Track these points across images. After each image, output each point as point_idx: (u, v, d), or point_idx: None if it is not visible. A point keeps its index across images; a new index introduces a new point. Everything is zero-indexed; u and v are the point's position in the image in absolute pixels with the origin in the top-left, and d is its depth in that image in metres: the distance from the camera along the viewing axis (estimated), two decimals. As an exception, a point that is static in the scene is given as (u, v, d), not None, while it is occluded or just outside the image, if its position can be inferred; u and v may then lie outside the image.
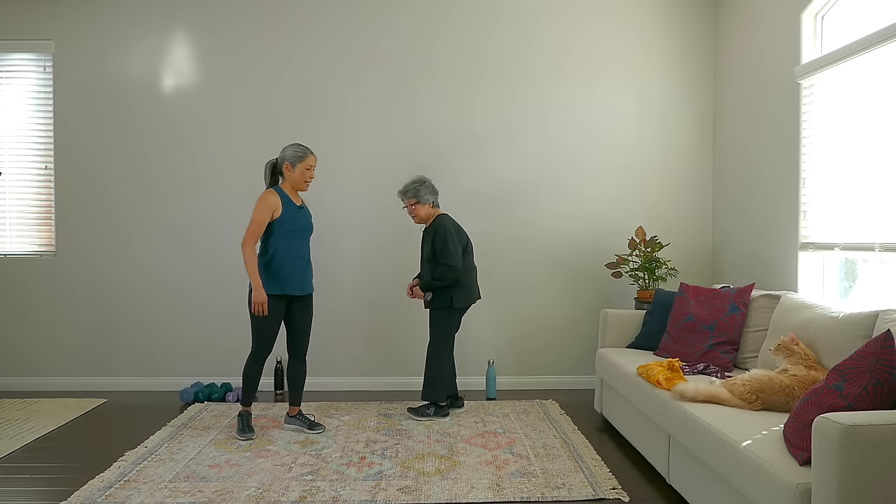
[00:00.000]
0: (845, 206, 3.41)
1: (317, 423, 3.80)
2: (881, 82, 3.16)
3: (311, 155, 3.66)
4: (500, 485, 3.00)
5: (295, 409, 3.84)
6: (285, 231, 3.61)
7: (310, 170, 3.67)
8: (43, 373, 4.80)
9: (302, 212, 3.70)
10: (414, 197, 4.03)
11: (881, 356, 2.01)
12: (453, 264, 3.92)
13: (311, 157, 3.67)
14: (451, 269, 3.92)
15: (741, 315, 3.50)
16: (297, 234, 3.64)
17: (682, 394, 2.80)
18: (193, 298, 4.81)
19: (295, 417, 3.82)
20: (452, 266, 3.92)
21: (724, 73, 4.78)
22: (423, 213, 4.06)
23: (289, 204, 3.65)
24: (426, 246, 4.06)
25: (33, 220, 4.84)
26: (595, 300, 4.93)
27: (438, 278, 3.94)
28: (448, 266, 3.92)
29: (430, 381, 4.01)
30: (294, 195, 3.72)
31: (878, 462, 1.77)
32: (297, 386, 3.81)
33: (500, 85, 4.86)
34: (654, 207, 4.94)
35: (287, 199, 3.66)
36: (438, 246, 3.95)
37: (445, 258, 3.93)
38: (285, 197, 3.66)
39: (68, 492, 2.94)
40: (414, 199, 4.03)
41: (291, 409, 3.84)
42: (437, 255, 3.97)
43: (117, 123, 4.78)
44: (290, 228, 3.62)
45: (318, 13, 4.80)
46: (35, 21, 4.75)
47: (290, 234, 3.62)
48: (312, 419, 3.84)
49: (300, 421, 3.81)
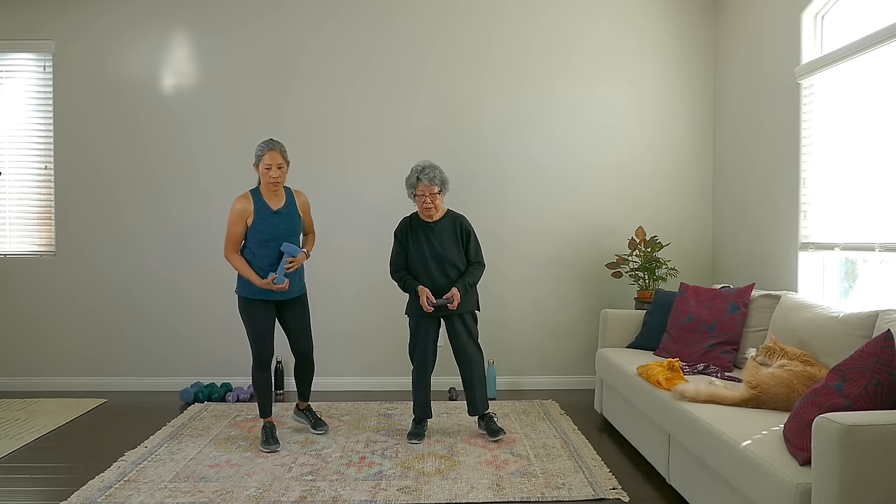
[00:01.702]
0: (845, 206, 3.41)
1: (321, 422, 3.76)
2: (881, 82, 3.15)
3: (269, 152, 3.35)
4: (500, 485, 3.00)
5: (304, 403, 3.79)
6: (258, 240, 3.40)
7: (270, 168, 3.35)
8: (43, 373, 4.80)
9: (280, 216, 3.44)
10: (440, 186, 3.60)
11: (881, 356, 2.01)
12: (484, 262, 3.75)
13: (271, 154, 3.34)
14: (483, 267, 3.74)
15: (741, 315, 3.50)
16: (271, 241, 3.41)
17: (682, 394, 2.80)
18: (193, 298, 4.81)
19: (303, 412, 3.79)
20: (484, 264, 3.75)
21: (724, 73, 4.78)
22: (440, 206, 3.66)
23: (262, 209, 3.41)
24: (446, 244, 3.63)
25: (33, 220, 4.84)
26: (595, 300, 4.93)
27: (475, 278, 3.66)
28: (482, 265, 3.73)
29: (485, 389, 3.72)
30: (273, 196, 3.46)
31: (878, 462, 1.77)
32: (303, 381, 3.73)
33: (500, 85, 4.85)
34: (654, 207, 4.94)
35: (261, 203, 3.42)
36: (474, 244, 3.69)
37: (480, 256, 3.72)
38: (259, 201, 3.42)
39: (68, 492, 2.94)
40: (439, 188, 3.60)
41: (300, 402, 3.80)
42: (472, 254, 3.69)
43: (117, 123, 4.78)
44: (262, 237, 3.39)
45: (319, 13, 4.80)
46: (35, 21, 4.75)
47: (263, 242, 3.40)
48: (319, 417, 3.80)
49: (307, 417, 3.78)
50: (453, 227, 3.67)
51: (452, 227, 3.67)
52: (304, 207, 3.61)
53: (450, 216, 3.72)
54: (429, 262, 3.61)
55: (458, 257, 3.65)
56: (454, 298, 3.53)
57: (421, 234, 3.66)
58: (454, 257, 3.63)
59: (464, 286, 3.58)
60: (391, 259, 3.74)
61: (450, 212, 3.75)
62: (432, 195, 3.56)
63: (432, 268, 3.61)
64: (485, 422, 3.67)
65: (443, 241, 3.63)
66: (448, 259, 3.61)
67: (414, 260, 3.65)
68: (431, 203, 3.57)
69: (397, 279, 3.70)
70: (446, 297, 3.54)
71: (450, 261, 3.61)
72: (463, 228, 3.69)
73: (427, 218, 3.66)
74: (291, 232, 3.49)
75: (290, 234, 3.48)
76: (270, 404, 3.60)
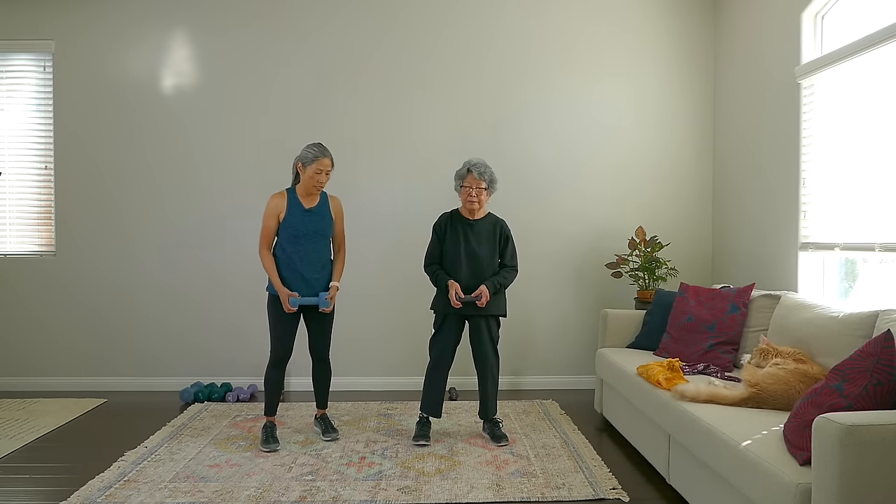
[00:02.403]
0: (845, 206, 3.41)
1: (331, 430, 3.69)
2: (881, 82, 3.15)
3: (323, 158, 3.46)
4: (500, 485, 3.00)
5: (320, 411, 3.75)
6: (287, 235, 3.50)
7: (319, 174, 3.47)
8: (43, 373, 4.80)
9: (311, 214, 3.53)
10: (488, 184, 3.60)
11: (881, 356, 2.01)
12: (517, 268, 3.71)
13: (324, 160, 3.46)
14: (516, 273, 3.69)
15: (741, 315, 3.50)
16: (300, 237, 3.49)
17: (682, 394, 2.80)
18: (193, 298, 4.81)
19: (319, 420, 3.75)
20: (517, 270, 3.70)
21: (724, 73, 4.78)
22: (484, 203, 3.64)
23: (295, 206, 3.52)
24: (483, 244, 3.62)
25: (33, 220, 4.84)
26: (595, 300, 4.93)
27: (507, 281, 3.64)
28: (515, 270, 3.69)
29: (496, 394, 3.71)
30: (308, 196, 3.56)
31: (878, 462, 1.77)
32: (319, 388, 3.71)
33: (500, 85, 4.86)
34: (654, 207, 4.94)
35: (294, 201, 3.53)
36: (511, 249, 3.68)
37: (515, 262, 3.69)
38: (293, 198, 3.53)
39: (68, 492, 2.94)
40: (486, 185, 3.59)
41: (318, 411, 3.77)
42: (508, 257, 3.66)
43: (117, 123, 4.78)
44: (291, 232, 3.49)
45: (319, 13, 4.80)
46: (35, 21, 4.75)
47: (293, 238, 3.49)
48: (331, 424, 3.73)
49: (320, 424, 3.74)
50: (493, 229, 3.66)
51: (492, 229, 3.67)
52: (336, 212, 3.66)
53: (491, 218, 3.71)
54: (462, 259, 3.60)
55: (492, 259, 3.64)
56: (482, 296, 3.51)
57: (459, 231, 3.65)
58: (488, 258, 3.62)
59: (493, 285, 3.56)
60: (427, 252, 3.73)
61: (492, 214, 3.74)
62: (479, 189, 3.57)
63: (465, 265, 3.60)
64: (490, 426, 3.67)
65: (480, 240, 3.63)
66: (482, 259, 3.60)
67: (448, 255, 3.64)
68: (476, 197, 3.58)
69: (429, 273, 3.69)
70: (475, 294, 3.53)
71: (483, 261, 3.60)
72: (502, 232, 3.69)
73: (469, 213, 3.67)
74: (320, 230, 3.55)
75: (319, 232, 3.54)
76: (276, 405, 3.61)
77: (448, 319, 3.64)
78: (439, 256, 3.69)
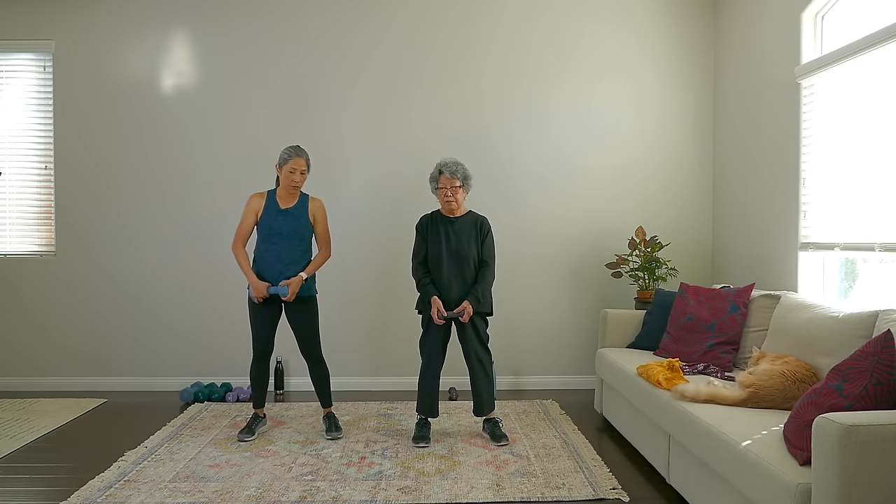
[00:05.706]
0: (845, 206, 3.41)
1: (333, 428, 3.70)
2: (881, 82, 3.15)
3: (296, 158, 3.55)
4: (500, 485, 3.00)
5: (325, 410, 3.79)
6: (262, 234, 3.62)
7: (293, 173, 3.56)
8: (43, 373, 4.80)
9: (285, 215, 3.62)
10: (462, 181, 3.64)
11: (881, 356, 2.01)
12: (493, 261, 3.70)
13: (298, 160, 3.55)
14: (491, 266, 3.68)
15: (741, 315, 3.50)
16: (275, 237, 3.59)
17: (682, 394, 2.80)
18: (193, 298, 4.81)
19: (324, 418, 3.78)
20: (492, 263, 3.69)
21: (724, 73, 4.78)
22: (461, 201, 3.67)
23: (272, 206, 3.63)
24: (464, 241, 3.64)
25: (33, 220, 4.84)
26: (595, 300, 4.93)
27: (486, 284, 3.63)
28: (489, 264, 3.67)
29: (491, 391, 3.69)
30: (286, 197, 3.65)
31: (878, 462, 1.77)
32: (318, 388, 3.75)
33: (500, 85, 4.86)
34: (654, 207, 4.94)
35: (272, 201, 3.64)
36: (488, 243, 3.68)
37: (490, 255, 3.68)
38: (271, 198, 3.65)
39: (68, 492, 2.94)
40: (460, 182, 3.63)
41: (323, 410, 3.81)
42: (485, 251, 3.67)
43: (117, 123, 4.78)
44: (265, 231, 3.60)
45: (319, 12, 4.80)
46: (35, 21, 4.75)
47: (267, 237, 3.60)
48: (334, 423, 3.74)
49: (324, 423, 3.78)
50: (473, 226, 3.69)
51: (473, 225, 3.69)
52: (316, 213, 3.71)
53: (472, 216, 3.74)
54: (445, 257, 3.63)
55: (475, 256, 3.66)
56: (465, 312, 3.53)
57: (441, 230, 3.68)
58: (471, 255, 3.64)
59: (476, 298, 3.57)
60: (413, 251, 3.76)
61: (472, 212, 3.77)
62: (454, 189, 3.61)
63: (448, 264, 3.63)
64: (490, 426, 3.67)
65: (461, 238, 3.65)
66: (465, 256, 3.63)
67: (432, 254, 3.67)
68: (453, 196, 3.61)
69: (416, 279, 3.70)
70: (458, 311, 3.55)
71: (466, 258, 3.63)
72: (482, 227, 3.71)
73: (448, 213, 3.70)
74: (294, 230, 3.62)
75: (293, 232, 3.63)
76: (262, 397, 3.75)
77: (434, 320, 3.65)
78: (425, 255, 3.71)
